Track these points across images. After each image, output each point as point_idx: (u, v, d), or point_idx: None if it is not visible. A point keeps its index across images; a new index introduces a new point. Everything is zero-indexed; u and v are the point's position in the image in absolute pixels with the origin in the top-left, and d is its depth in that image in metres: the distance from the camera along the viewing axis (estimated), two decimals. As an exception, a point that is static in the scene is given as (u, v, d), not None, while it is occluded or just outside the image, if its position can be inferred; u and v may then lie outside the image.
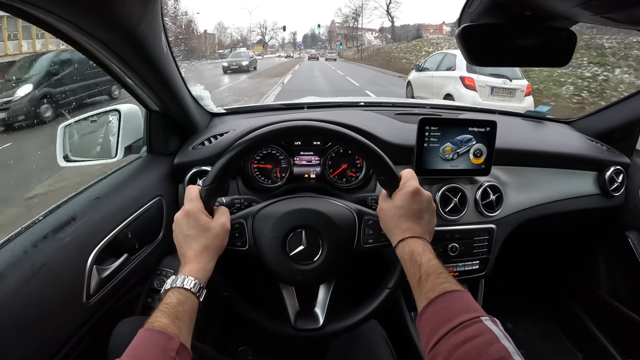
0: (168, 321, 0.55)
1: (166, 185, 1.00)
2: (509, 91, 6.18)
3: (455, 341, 0.49)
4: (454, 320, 0.51)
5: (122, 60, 0.74)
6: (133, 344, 0.52)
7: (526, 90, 6.29)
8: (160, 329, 0.53)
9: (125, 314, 0.79)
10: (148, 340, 0.52)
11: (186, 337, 0.56)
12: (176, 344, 0.52)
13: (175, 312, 0.56)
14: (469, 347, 0.47)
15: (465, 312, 0.52)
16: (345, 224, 0.75)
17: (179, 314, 0.57)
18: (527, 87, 6.31)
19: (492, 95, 6.13)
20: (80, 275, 0.72)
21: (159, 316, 0.55)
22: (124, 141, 1.05)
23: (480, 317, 0.51)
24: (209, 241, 0.66)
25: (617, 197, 1.28)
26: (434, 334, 0.51)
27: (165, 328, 0.54)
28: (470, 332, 0.49)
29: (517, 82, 6.20)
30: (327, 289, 0.77)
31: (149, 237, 0.93)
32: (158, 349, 0.51)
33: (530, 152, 1.18)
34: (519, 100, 6.21)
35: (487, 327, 0.49)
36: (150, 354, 0.50)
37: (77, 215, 0.76)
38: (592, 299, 1.48)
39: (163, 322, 0.54)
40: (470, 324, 0.50)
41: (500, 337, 0.47)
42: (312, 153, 1.09)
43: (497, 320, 0.51)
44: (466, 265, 1.07)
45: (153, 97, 0.93)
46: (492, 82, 6.09)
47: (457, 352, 0.47)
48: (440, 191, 1.04)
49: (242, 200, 0.85)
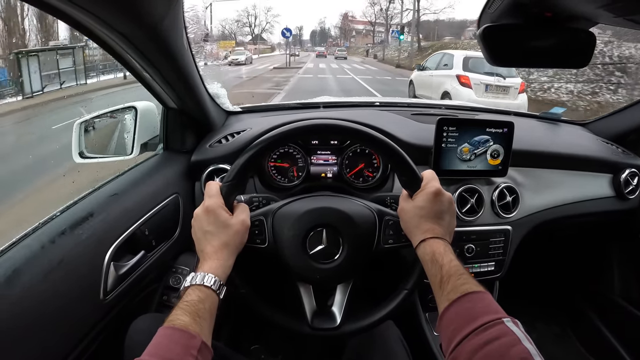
0: (189, 319, 0.54)
1: (183, 183, 1.01)
2: (503, 89, 6.48)
3: (478, 342, 0.48)
4: (476, 322, 0.51)
5: (143, 56, 0.74)
6: (154, 342, 0.51)
7: (520, 88, 6.58)
8: (181, 327, 0.53)
9: (141, 311, 0.79)
10: (169, 338, 0.52)
11: (207, 335, 0.55)
12: (198, 343, 0.52)
13: (196, 310, 0.56)
14: (491, 348, 0.47)
15: (487, 313, 0.52)
16: (365, 224, 0.75)
17: (200, 312, 0.56)
18: (520, 85, 6.60)
19: (486, 92, 6.44)
20: (98, 271, 0.72)
21: (180, 314, 0.55)
22: (140, 138, 1.05)
23: (502, 319, 0.50)
24: (229, 238, 0.66)
25: (632, 200, 1.27)
26: (456, 334, 0.51)
27: (187, 326, 0.53)
28: (492, 334, 0.49)
29: (510, 80, 6.49)
30: (345, 289, 0.77)
31: (166, 234, 0.93)
32: (180, 348, 0.51)
33: (545, 154, 1.17)
34: (512, 98, 6.51)
35: (509, 329, 0.49)
36: (172, 353, 0.50)
37: (95, 212, 0.76)
38: (605, 303, 1.47)
39: (184, 320, 0.54)
40: (492, 325, 0.50)
41: (522, 339, 0.47)
42: (330, 152, 1.08)
43: (518, 321, 0.51)
44: (482, 266, 1.07)
45: (171, 94, 0.93)
46: (487, 80, 6.39)
47: (480, 354, 0.47)
48: (457, 192, 1.04)
49: (261, 199, 0.86)
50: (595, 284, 1.52)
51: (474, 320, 0.51)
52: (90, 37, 0.67)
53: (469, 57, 6.83)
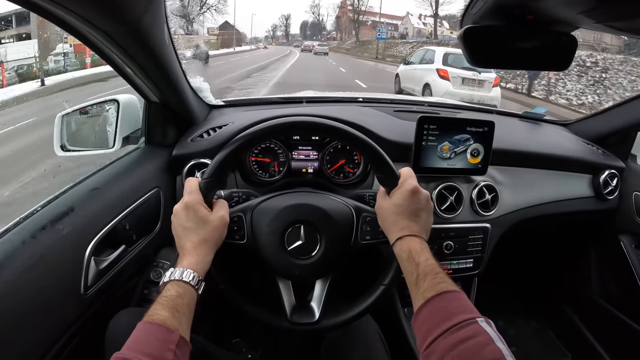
0: (168, 314, 0.55)
1: (164, 177, 1.00)
2: (478, 82, 7.10)
3: (452, 341, 0.49)
4: (451, 320, 0.51)
5: (124, 52, 0.74)
6: (133, 337, 0.52)
7: (494, 82, 7.23)
8: (159, 322, 0.53)
9: (122, 305, 0.79)
10: (148, 333, 0.53)
11: (185, 330, 0.56)
12: (176, 337, 0.53)
13: (174, 305, 0.57)
14: (465, 347, 0.48)
15: (462, 312, 0.53)
16: (343, 220, 0.75)
17: (178, 307, 0.57)
18: (495, 79, 7.25)
19: (462, 85, 7.08)
20: (79, 266, 0.72)
21: (159, 309, 0.55)
22: (122, 132, 1.05)
23: (476, 319, 0.51)
24: (208, 234, 0.66)
25: (611, 201, 1.29)
26: (430, 332, 0.52)
27: (165, 321, 0.54)
28: (466, 333, 0.50)
29: (485, 74, 7.08)
30: (324, 284, 0.78)
31: (147, 228, 0.93)
32: (158, 342, 0.51)
33: (526, 153, 1.19)
34: (487, 90, 7.15)
35: (482, 329, 0.50)
36: (150, 347, 0.50)
37: (76, 206, 0.76)
38: (583, 300, 1.50)
39: (162, 315, 0.54)
40: (466, 324, 0.51)
41: (495, 339, 0.48)
42: (311, 148, 1.09)
43: (491, 321, 0.52)
44: (460, 263, 1.08)
45: (153, 88, 0.93)
46: (463, 74, 7.02)
47: (453, 352, 0.48)
48: (436, 189, 1.05)
49: (241, 194, 0.86)
50: (574, 282, 1.55)
51: (449, 319, 0.52)
52: (71, 33, 0.66)
53: (449, 53, 7.45)
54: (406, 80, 8.70)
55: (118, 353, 0.49)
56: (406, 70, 8.87)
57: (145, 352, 0.50)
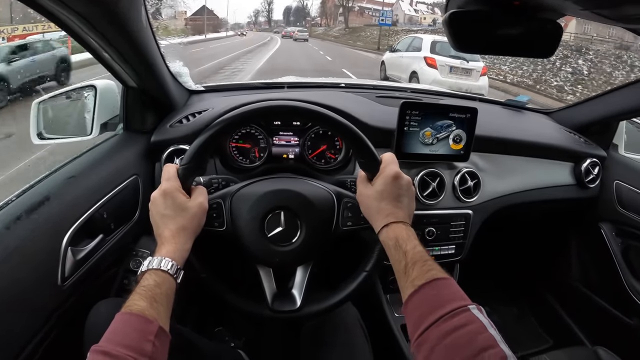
0: (146, 304, 0.54)
1: (143, 164, 0.98)
2: (466, 71, 7.17)
3: (445, 329, 0.49)
4: (443, 309, 0.51)
5: (100, 35, 0.72)
6: (111, 328, 0.51)
7: (482, 71, 7.31)
8: (138, 313, 0.52)
9: (102, 296, 0.78)
10: (126, 324, 0.52)
11: (164, 320, 0.55)
12: (154, 328, 0.52)
13: (152, 295, 0.56)
14: (458, 335, 0.48)
15: (453, 300, 0.52)
16: (324, 206, 0.75)
17: (157, 297, 0.56)
18: (482, 69, 7.34)
19: (450, 73, 7.12)
20: (55, 257, 0.70)
21: (137, 299, 0.54)
22: (100, 118, 1.02)
23: (468, 306, 0.51)
24: (186, 221, 0.65)
25: (592, 189, 1.31)
26: (423, 321, 0.52)
27: (143, 311, 0.53)
28: (459, 321, 0.49)
29: (473, 63, 7.17)
30: (305, 271, 0.77)
31: (125, 217, 0.92)
32: (137, 333, 0.51)
33: (508, 140, 1.19)
34: (474, 79, 7.22)
35: (475, 316, 0.50)
36: (129, 338, 0.50)
37: (51, 195, 0.74)
38: (564, 287, 1.53)
39: (141, 305, 0.53)
40: (458, 312, 0.50)
41: (487, 326, 0.49)
42: (292, 133, 1.08)
43: (482, 308, 0.52)
44: (442, 249, 1.09)
45: (131, 72, 0.91)
46: (451, 62, 7.06)
47: (446, 340, 0.48)
48: (418, 175, 1.05)
49: (220, 180, 0.84)
50: (555, 269, 1.58)
51: (441, 307, 0.51)
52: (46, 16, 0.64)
53: (437, 41, 7.43)
54: (392, 67, 8.71)
55: (96, 345, 0.49)
56: (392, 58, 8.85)
57: (123, 344, 0.49)
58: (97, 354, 0.47)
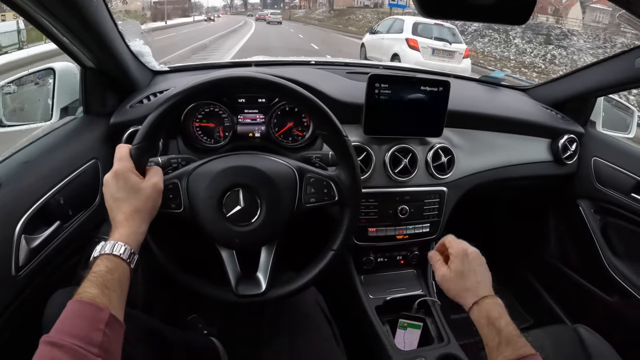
0: (97, 291, 0.51)
1: (103, 148, 0.94)
2: (449, 53, 7.13)
3: None
4: None
5: (45, 10, 0.68)
6: (61, 318, 0.49)
7: (464, 53, 7.28)
8: (88, 300, 0.50)
9: (62, 286, 0.74)
10: (76, 312, 0.49)
11: (117, 307, 0.53)
12: (105, 315, 0.50)
13: (104, 281, 0.53)
14: None
15: None
16: (284, 182, 0.72)
17: (108, 283, 0.53)
18: (465, 51, 7.29)
19: (433, 55, 7.06)
20: (8, 245, 0.67)
21: (87, 286, 0.52)
22: (60, 102, 0.99)
23: None
24: (140, 203, 0.62)
25: (570, 165, 1.30)
26: None
27: (94, 299, 0.50)
28: None
29: (456, 45, 7.16)
30: (269, 252, 0.75)
31: (84, 203, 0.88)
32: (86, 322, 0.48)
33: (483, 116, 1.18)
34: (457, 62, 7.14)
35: None
36: (78, 328, 0.47)
37: (3, 182, 0.71)
38: (543, 265, 1.53)
39: (92, 293, 0.51)
40: None
41: None
42: (257, 111, 1.04)
43: None
44: (416, 227, 1.07)
45: (85, 51, 0.87)
46: (434, 44, 7.04)
47: None
48: (389, 151, 1.02)
49: (180, 160, 0.81)
50: (533, 248, 1.57)
51: None
52: None
53: (419, 23, 7.32)
54: (372, 50, 8.54)
55: (45, 336, 0.47)
56: (373, 40, 8.71)
57: (72, 334, 0.47)
58: (45, 344, 0.46)
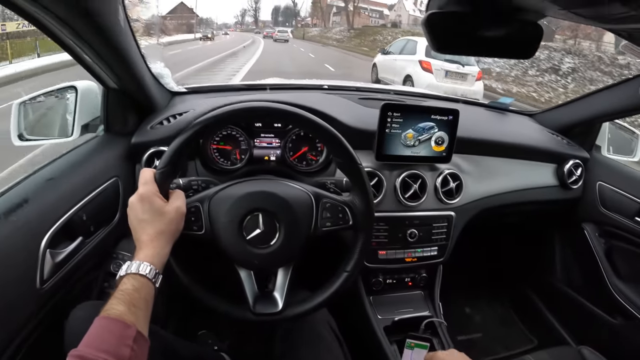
0: (124, 309, 0.54)
1: (123, 166, 0.97)
2: (462, 75, 7.15)
3: None
4: None
5: (76, 35, 0.71)
6: (89, 333, 0.51)
7: (477, 76, 7.30)
8: (116, 317, 0.52)
9: (82, 299, 0.77)
10: (104, 329, 0.52)
11: (143, 324, 0.55)
12: (133, 332, 0.52)
13: (131, 299, 0.56)
14: None
15: None
16: (301, 207, 0.75)
17: (135, 301, 0.56)
18: (478, 73, 7.31)
19: (446, 77, 7.07)
20: (34, 259, 0.69)
21: (115, 304, 0.54)
22: (81, 119, 1.01)
23: None
24: (164, 226, 0.65)
25: (575, 190, 1.32)
26: None
27: (122, 316, 0.53)
28: None
29: (469, 68, 7.17)
30: (286, 273, 0.77)
31: (105, 219, 0.90)
32: (115, 338, 0.51)
33: (491, 142, 1.20)
34: (470, 84, 7.21)
35: None
36: (107, 344, 0.50)
37: (30, 198, 0.73)
38: (548, 288, 1.54)
39: (119, 310, 0.53)
40: None
41: None
42: (273, 135, 1.07)
43: None
44: (424, 251, 1.09)
45: (110, 73, 0.90)
46: (447, 66, 7.01)
47: None
48: (400, 177, 1.05)
49: (200, 182, 0.84)
50: (539, 270, 1.59)
51: None
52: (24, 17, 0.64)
53: None
54: (384, 70, 8.63)
55: (74, 350, 0.49)
56: (385, 60, 8.76)
57: (101, 349, 0.49)
58: (75, 358, 0.47)
